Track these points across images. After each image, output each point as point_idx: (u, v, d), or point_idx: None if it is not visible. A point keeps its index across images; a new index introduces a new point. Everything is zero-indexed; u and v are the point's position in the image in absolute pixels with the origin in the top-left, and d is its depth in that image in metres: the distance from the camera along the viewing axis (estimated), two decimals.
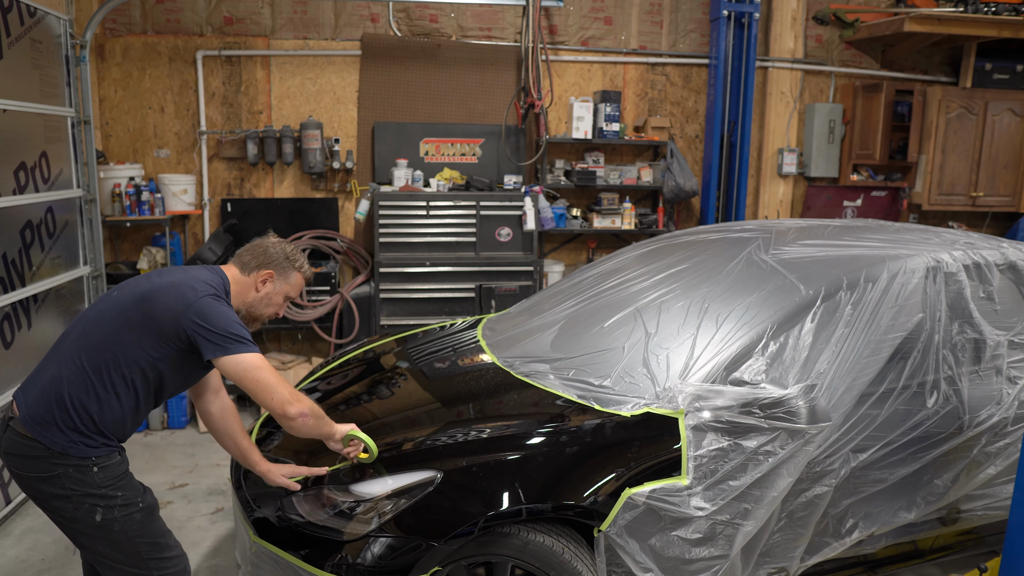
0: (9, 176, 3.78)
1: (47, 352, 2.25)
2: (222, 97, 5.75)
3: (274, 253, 2.41)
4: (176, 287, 2.19)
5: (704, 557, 2.33)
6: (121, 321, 2.16)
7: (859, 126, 6.43)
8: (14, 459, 2.16)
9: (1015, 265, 2.94)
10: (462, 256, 5.52)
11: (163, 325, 2.14)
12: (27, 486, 2.18)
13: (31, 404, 2.15)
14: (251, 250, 2.43)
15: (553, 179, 6.02)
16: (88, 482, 2.13)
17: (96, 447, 2.14)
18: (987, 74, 6.44)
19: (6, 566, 3.30)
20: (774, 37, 6.30)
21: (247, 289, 2.38)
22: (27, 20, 3.96)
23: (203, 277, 2.26)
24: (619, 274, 3.31)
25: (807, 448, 2.36)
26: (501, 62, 5.98)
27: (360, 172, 5.96)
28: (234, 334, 2.15)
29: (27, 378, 2.25)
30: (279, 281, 2.42)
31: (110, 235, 5.68)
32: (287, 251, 2.45)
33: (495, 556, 2.24)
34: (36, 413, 2.12)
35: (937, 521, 2.86)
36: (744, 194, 6.30)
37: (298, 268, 2.46)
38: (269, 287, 2.41)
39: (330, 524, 2.26)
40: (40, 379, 2.18)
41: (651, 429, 2.38)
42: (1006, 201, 6.52)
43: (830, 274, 2.69)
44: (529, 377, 2.76)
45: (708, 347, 2.56)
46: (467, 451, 2.36)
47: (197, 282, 2.21)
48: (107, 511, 2.15)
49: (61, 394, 2.12)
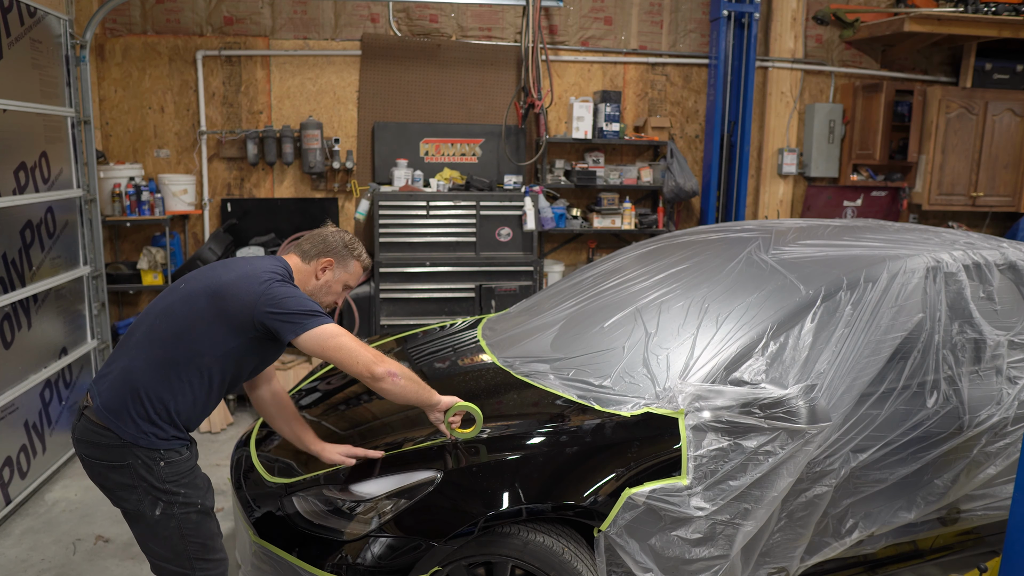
0: (9, 176, 3.78)
1: (116, 346, 2.31)
2: (222, 97, 5.75)
3: (333, 242, 2.46)
4: (245, 280, 2.22)
5: (704, 557, 2.33)
6: (193, 315, 2.20)
7: (859, 126, 6.43)
8: (86, 446, 2.21)
9: (1015, 265, 2.94)
10: (462, 256, 5.52)
11: (238, 318, 2.18)
12: (96, 473, 2.22)
13: (105, 394, 2.19)
14: (311, 239, 2.47)
15: (553, 179, 6.02)
16: (154, 475, 2.17)
17: (166, 439, 2.18)
18: (987, 74, 6.44)
19: (6, 566, 3.30)
20: (774, 37, 6.30)
21: (308, 277, 2.42)
22: (27, 20, 3.96)
23: (267, 267, 2.30)
24: (619, 274, 3.31)
25: (807, 448, 2.36)
26: (501, 62, 5.98)
27: (360, 172, 5.96)
28: (307, 310, 2.18)
29: (99, 371, 2.30)
30: (338, 269, 2.46)
31: (110, 235, 5.68)
32: (346, 240, 2.49)
33: (495, 556, 2.24)
34: (110, 403, 2.17)
35: (937, 521, 2.86)
36: (744, 194, 6.30)
37: (357, 256, 2.50)
38: (329, 275, 2.44)
39: (330, 524, 2.26)
40: (111, 371, 2.23)
41: (651, 429, 2.38)
42: (1006, 201, 6.52)
43: (830, 274, 2.69)
44: (529, 377, 2.76)
45: (708, 347, 2.56)
46: (467, 451, 2.36)
47: (262, 272, 2.25)
48: (167, 507, 2.19)
49: (135, 386, 2.16)
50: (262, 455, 2.68)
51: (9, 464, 3.73)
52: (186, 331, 2.19)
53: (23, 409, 3.87)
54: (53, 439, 4.17)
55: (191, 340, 2.18)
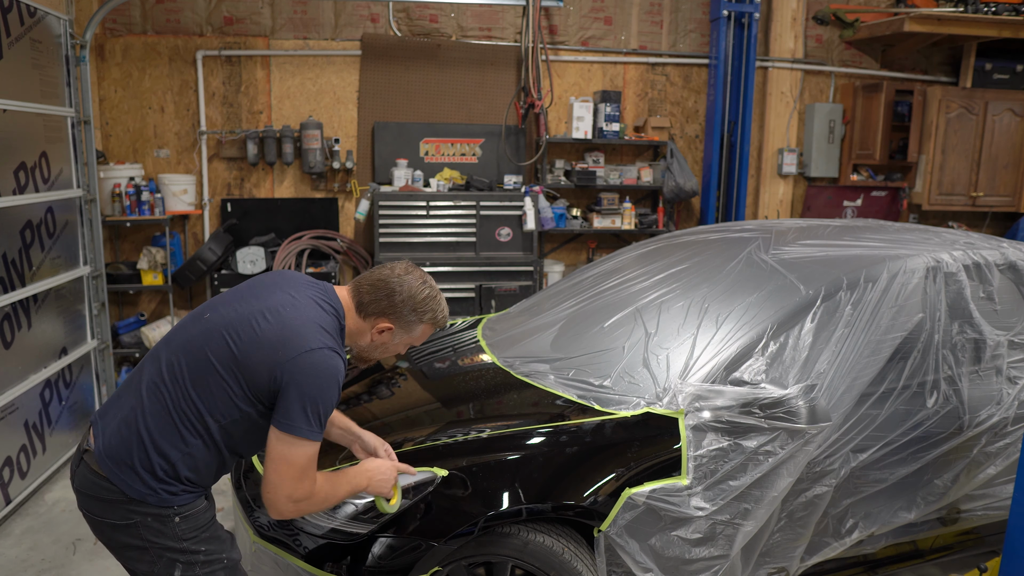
0: (9, 176, 3.78)
1: (132, 372, 1.94)
2: (222, 97, 5.75)
3: (399, 301, 1.96)
4: (288, 327, 1.80)
5: (704, 557, 2.33)
6: (209, 360, 1.81)
7: (859, 126, 6.43)
8: (87, 500, 1.85)
9: (1015, 265, 2.94)
10: (462, 256, 5.52)
11: (258, 378, 1.79)
12: (100, 532, 1.87)
13: (109, 436, 1.83)
14: (374, 287, 1.97)
15: (553, 179, 6.02)
16: (168, 534, 1.83)
17: (177, 494, 1.83)
18: (987, 74, 6.44)
19: (6, 566, 3.30)
20: (774, 37, 6.30)
21: (361, 333, 2.00)
22: (27, 20, 3.96)
23: (319, 317, 1.86)
24: (619, 274, 3.31)
25: (807, 448, 2.36)
26: (501, 62, 5.98)
27: (360, 172, 5.96)
28: (315, 416, 1.78)
29: (108, 400, 1.95)
30: (400, 333, 2.01)
31: (110, 235, 5.68)
32: (417, 298, 1.98)
33: (495, 556, 2.24)
34: (112, 449, 1.81)
35: (937, 521, 2.86)
36: (744, 194, 6.30)
37: (428, 321, 2.03)
38: (387, 337, 2.01)
39: (330, 524, 2.26)
40: (120, 407, 1.87)
41: (651, 429, 2.38)
42: (1006, 201, 6.52)
43: (830, 274, 2.69)
44: (529, 377, 2.76)
45: (708, 347, 2.56)
46: (467, 451, 2.36)
47: (312, 325, 1.82)
48: (187, 568, 1.86)
49: (140, 432, 1.80)
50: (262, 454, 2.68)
51: (9, 464, 3.73)
52: (199, 378, 1.81)
53: (23, 409, 3.87)
54: (53, 439, 4.17)
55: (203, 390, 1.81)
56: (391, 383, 3.05)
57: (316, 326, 1.83)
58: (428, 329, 2.06)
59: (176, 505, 1.83)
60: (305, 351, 1.77)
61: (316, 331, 1.81)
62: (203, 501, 1.93)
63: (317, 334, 1.81)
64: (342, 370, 1.83)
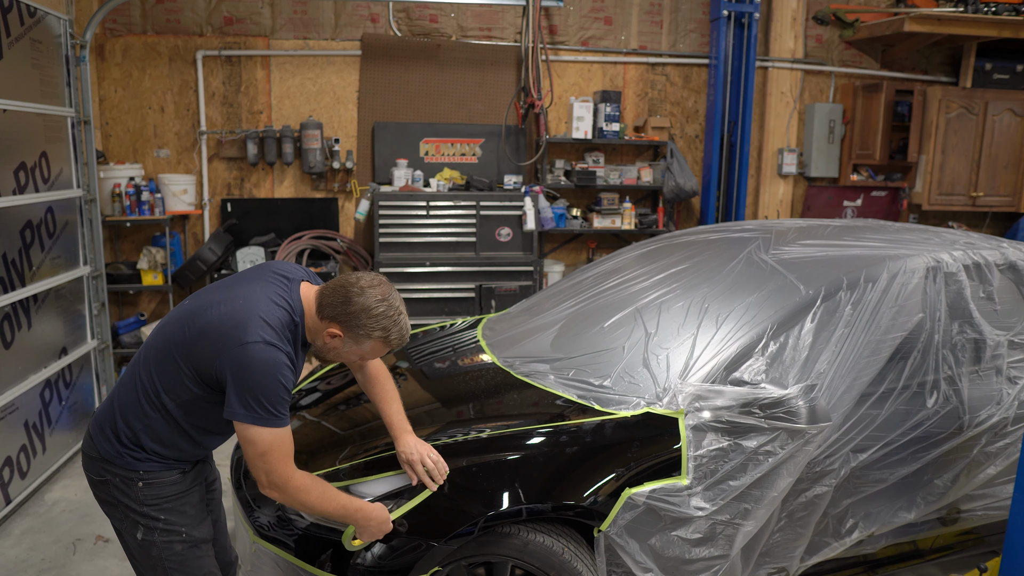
0: (9, 176, 3.78)
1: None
2: (222, 97, 5.75)
3: (352, 311, 1.94)
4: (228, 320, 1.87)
5: (704, 557, 2.33)
6: (167, 343, 1.95)
7: (859, 126, 6.43)
8: (84, 458, 2.08)
9: (1015, 265, 2.94)
10: (462, 256, 5.52)
11: (203, 364, 1.89)
12: (91, 487, 2.08)
13: (102, 403, 2.08)
14: (334, 292, 1.97)
15: (553, 179, 6.02)
16: (132, 496, 1.99)
17: (142, 460, 1.98)
18: (987, 74, 6.44)
19: (6, 566, 3.30)
20: (774, 37, 6.30)
21: (317, 333, 2.02)
22: (27, 20, 3.96)
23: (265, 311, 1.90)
24: (619, 274, 3.31)
25: (807, 448, 2.36)
26: (501, 62, 5.98)
27: (360, 172, 5.96)
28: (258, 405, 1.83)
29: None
30: (348, 342, 2.00)
31: (110, 235, 5.68)
32: (370, 312, 1.94)
33: (495, 556, 2.24)
34: (98, 413, 2.05)
35: (937, 521, 2.86)
36: (744, 194, 6.30)
37: (378, 339, 1.98)
38: (337, 343, 2.01)
39: (330, 524, 2.26)
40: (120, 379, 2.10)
41: (651, 429, 2.38)
42: (1006, 201, 6.52)
43: (830, 274, 2.68)
44: (529, 377, 2.76)
45: (708, 347, 2.56)
46: (467, 451, 2.36)
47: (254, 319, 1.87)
48: (148, 532, 2.01)
49: (113, 401, 2.01)
50: None
51: (9, 464, 3.73)
52: (162, 359, 1.94)
53: (23, 409, 3.87)
54: (53, 439, 4.17)
55: (163, 371, 1.94)
56: None
57: (259, 320, 1.87)
58: (379, 346, 2.02)
59: (141, 471, 1.98)
60: (240, 344, 1.83)
61: (256, 325, 1.86)
62: (174, 474, 2.03)
63: (257, 328, 1.86)
64: (280, 361, 1.86)
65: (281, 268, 2.09)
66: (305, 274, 2.12)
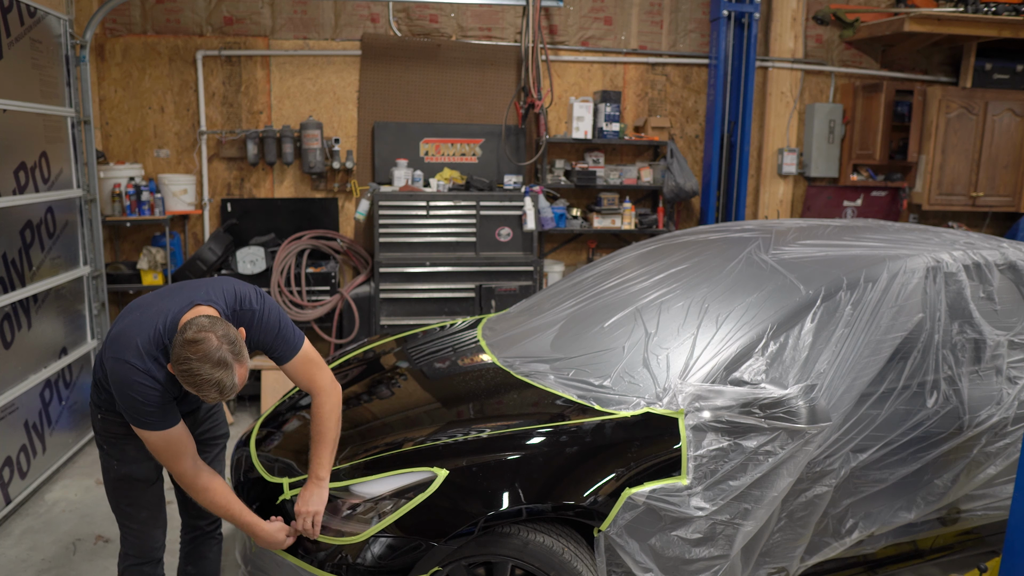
0: (9, 176, 3.78)
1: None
2: (222, 97, 5.75)
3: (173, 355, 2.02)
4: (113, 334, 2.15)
5: (704, 557, 2.33)
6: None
7: (859, 126, 6.43)
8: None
9: (1015, 265, 2.94)
10: (462, 256, 5.52)
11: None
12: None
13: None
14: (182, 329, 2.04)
15: (553, 179, 6.02)
16: (95, 423, 2.38)
17: (102, 402, 2.31)
18: (987, 74, 6.44)
19: (6, 566, 3.30)
20: (774, 37, 6.30)
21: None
22: (27, 20, 3.96)
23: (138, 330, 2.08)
24: (619, 274, 3.31)
25: (807, 448, 2.36)
26: (501, 62, 5.98)
27: (360, 172, 5.96)
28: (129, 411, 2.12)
29: None
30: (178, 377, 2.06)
31: (110, 235, 5.68)
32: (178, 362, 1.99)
33: (495, 556, 2.24)
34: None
35: (937, 521, 2.86)
36: (744, 194, 6.30)
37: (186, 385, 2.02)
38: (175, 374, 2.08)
39: (330, 524, 2.26)
40: None
41: (651, 429, 2.38)
42: (1006, 201, 6.52)
43: (830, 274, 2.69)
44: (529, 377, 2.76)
45: (708, 347, 2.56)
46: (467, 451, 2.36)
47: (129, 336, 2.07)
48: (101, 454, 2.40)
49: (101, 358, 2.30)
50: (262, 455, 2.68)
51: (9, 464, 3.73)
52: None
53: (23, 409, 3.87)
54: (53, 439, 4.17)
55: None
56: (391, 383, 3.05)
57: (131, 339, 2.09)
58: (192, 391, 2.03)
59: (103, 408, 2.32)
60: (108, 357, 2.12)
61: (127, 343, 2.08)
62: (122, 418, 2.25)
63: (124, 346, 2.08)
64: (135, 380, 2.04)
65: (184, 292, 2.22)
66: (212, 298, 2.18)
